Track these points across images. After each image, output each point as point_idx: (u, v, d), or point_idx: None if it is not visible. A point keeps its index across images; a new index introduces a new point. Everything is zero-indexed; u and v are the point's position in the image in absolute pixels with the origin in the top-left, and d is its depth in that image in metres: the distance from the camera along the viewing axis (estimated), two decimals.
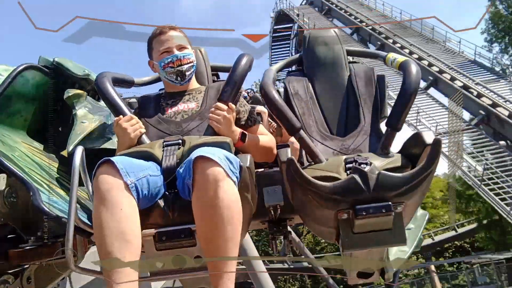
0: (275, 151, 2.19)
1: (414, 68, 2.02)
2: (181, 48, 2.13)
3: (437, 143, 1.71)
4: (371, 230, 1.71)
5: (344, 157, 1.93)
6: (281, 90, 2.38)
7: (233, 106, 1.98)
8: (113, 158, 1.65)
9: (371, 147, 2.08)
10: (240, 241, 1.93)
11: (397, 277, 2.19)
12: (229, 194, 1.59)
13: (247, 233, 1.93)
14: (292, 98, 2.29)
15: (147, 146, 1.87)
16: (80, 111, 2.36)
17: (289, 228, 2.39)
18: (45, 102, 2.36)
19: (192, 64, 2.15)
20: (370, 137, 2.14)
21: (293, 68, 2.59)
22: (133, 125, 1.95)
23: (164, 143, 1.86)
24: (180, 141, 1.85)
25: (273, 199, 2.18)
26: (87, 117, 2.37)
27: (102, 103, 2.63)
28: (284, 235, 2.24)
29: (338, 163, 1.90)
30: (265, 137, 2.17)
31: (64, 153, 2.16)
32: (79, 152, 1.65)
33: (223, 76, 2.70)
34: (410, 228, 2.31)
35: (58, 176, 2.14)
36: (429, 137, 1.79)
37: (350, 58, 2.51)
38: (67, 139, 2.33)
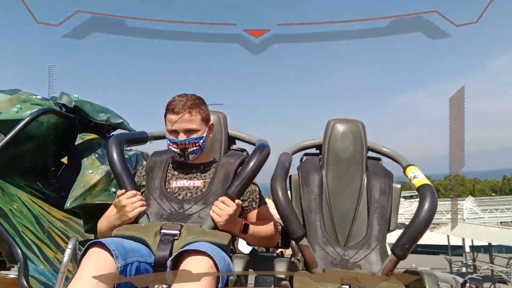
0: (276, 237, 2.13)
1: (431, 198, 1.95)
2: (189, 131, 2.06)
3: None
4: None
5: (342, 273, 1.88)
6: (295, 176, 2.33)
7: (240, 202, 1.92)
8: (104, 240, 1.61)
9: (372, 264, 2.02)
10: None
11: None
12: None
13: None
14: (303, 190, 2.23)
15: (144, 232, 1.82)
16: (89, 158, 2.34)
17: None
18: (55, 144, 2.34)
19: (198, 147, 2.08)
20: (373, 252, 2.08)
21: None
22: (133, 202, 1.90)
23: (161, 232, 1.81)
24: (177, 232, 1.81)
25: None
26: (94, 165, 2.34)
27: None
28: None
29: (335, 277, 1.85)
30: (267, 225, 2.10)
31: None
32: (73, 243, 1.61)
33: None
34: None
35: (55, 231, 2.11)
36: (431, 284, 1.72)
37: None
38: (71, 182, 2.31)
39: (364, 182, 2.26)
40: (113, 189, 2.33)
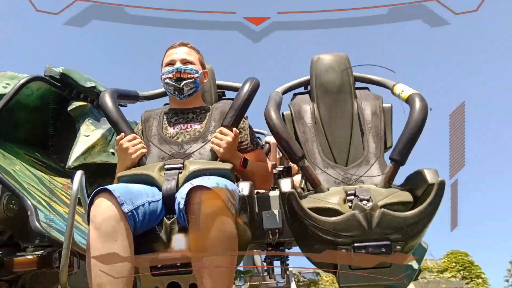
0: (271, 179, 2.19)
1: (421, 102, 2.00)
2: (185, 62, 2.11)
3: (440, 185, 1.69)
4: (369, 267, 1.70)
5: (346, 188, 1.92)
6: (287, 112, 2.37)
7: (237, 131, 1.96)
8: (110, 187, 1.63)
9: (373, 179, 2.07)
10: (239, 260, 1.93)
11: None
12: (226, 229, 1.57)
13: None
14: (297, 123, 2.28)
15: (147, 169, 1.85)
16: (83, 123, 2.36)
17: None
18: (49, 113, 2.36)
19: (193, 80, 2.11)
20: (373, 167, 2.13)
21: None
22: (135, 145, 1.93)
23: (165, 167, 1.84)
24: (180, 165, 1.84)
25: (271, 223, 2.17)
26: (89, 129, 2.37)
27: None
28: (281, 260, 2.22)
29: (339, 194, 1.88)
30: (264, 164, 2.15)
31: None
32: (78, 176, 1.63)
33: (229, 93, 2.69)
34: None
35: (59, 190, 2.13)
36: (432, 177, 1.77)
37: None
38: (70, 150, 2.33)
39: (355, 108, 2.31)
40: (111, 150, 2.36)
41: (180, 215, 1.67)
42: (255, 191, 2.22)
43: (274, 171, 2.78)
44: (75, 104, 2.36)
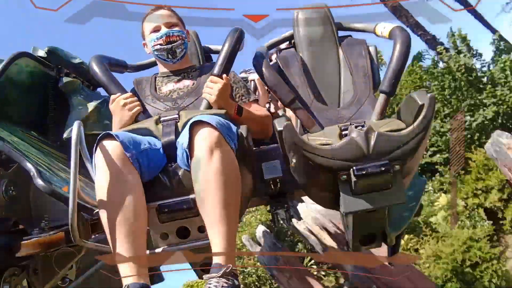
0: (270, 127, 2.19)
1: (403, 33, 2.05)
2: (170, 26, 2.13)
3: (431, 100, 1.73)
4: (371, 190, 1.73)
5: (340, 125, 1.96)
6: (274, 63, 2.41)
7: (228, 78, 1.99)
8: (113, 132, 1.66)
9: (366, 116, 2.10)
10: (242, 212, 1.95)
11: (399, 241, 2.21)
12: (227, 160, 1.61)
13: None
14: (285, 72, 2.31)
15: (144, 123, 1.88)
16: (76, 98, 2.38)
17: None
18: (41, 92, 2.37)
19: (182, 41, 2.14)
20: (365, 105, 2.17)
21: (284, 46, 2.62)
22: (131, 102, 1.96)
23: (161, 119, 1.87)
24: (176, 116, 1.87)
25: (272, 173, 2.19)
26: (82, 103, 2.39)
27: (96, 91, 2.65)
28: (285, 208, 2.25)
29: (334, 131, 1.93)
30: (261, 112, 2.18)
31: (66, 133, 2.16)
32: (77, 126, 1.65)
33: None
34: (409, 194, 2.34)
35: (59, 159, 2.15)
36: (422, 97, 1.81)
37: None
38: (63, 128, 2.35)
39: (341, 53, 2.35)
40: (106, 121, 2.38)
41: (182, 159, 1.70)
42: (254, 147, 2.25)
43: None
44: (66, 80, 2.38)
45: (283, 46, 2.61)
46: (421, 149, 1.80)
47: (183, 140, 1.67)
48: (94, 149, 1.67)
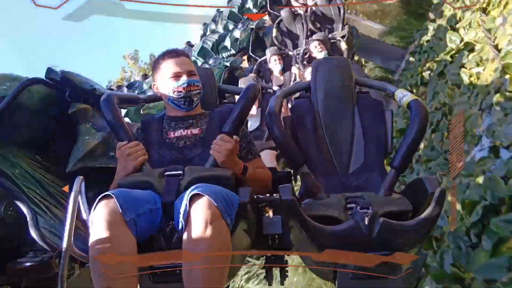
0: (270, 185, 2.20)
1: (421, 109, 2.00)
2: (191, 74, 2.11)
3: (441, 194, 1.69)
4: (368, 277, 1.70)
5: (346, 195, 1.92)
6: (287, 116, 2.37)
7: (237, 138, 1.97)
8: (113, 193, 1.65)
9: (374, 186, 2.07)
10: (236, 270, 1.94)
11: None
12: (220, 236, 1.60)
13: None
14: (297, 127, 2.28)
15: (148, 176, 1.86)
16: (84, 126, 2.36)
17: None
18: (50, 115, 2.36)
19: (200, 91, 2.13)
20: (373, 174, 2.13)
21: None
22: (136, 151, 1.94)
23: (165, 174, 1.85)
24: (181, 172, 1.85)
25: (272, 229, 2.16)
26: (90, 132, 2.37)
27: None
28: (280, 267, 2.22)
29: (339, 202, 1.89)
30: (264, 172, 2.15)
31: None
32: (78, 182, 1.63)
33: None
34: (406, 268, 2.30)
35: (59, 194, 2.13)
36: (433, 186, 1.77)
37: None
38: (70, 152, 2.33)
39: (356, 113, 2.31)
40: (112, 153, 2.36)
41: (178, 222, 1.69)
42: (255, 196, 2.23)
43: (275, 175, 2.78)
44: (76, 106, 2.36)
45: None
46: (426, 238, 1.77)
47: (181, 210, 1.66)
48: (93, 208, 1.65)
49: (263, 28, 7.73)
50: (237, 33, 7.49)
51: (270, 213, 2.23)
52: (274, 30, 7.77)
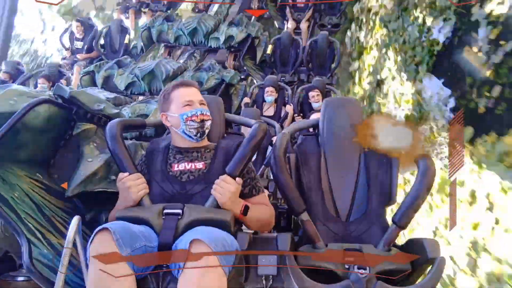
0: (272, 222, 2.16)
1: (430, 167, 1.97)
2: (201, 104, 2.11)
3: (441, 262, 1.67)
4: None
5: (344, 246, 1.90)
6: (293, 155, 2.34)
7: (241, 180, 1.95)
8: (110, 227, 1.64)
9: (374, 238, 2.04)
10: None
11: None
12: (216, 284, 1.59)
13: None
14: (302, 168, 2.26)
15: (146, 213, 1.84)
16: (88, 147, 2.34)
17: None
18: (54, 134, 2.34)
19: (210, 121, 2.13)
20: (374, 226, 2.10)
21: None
22: (137, 185, 1.92)
23: (164, 211, 1.84)
24: (180, 211, 1.83)
25: (267, 270, 2.14)
26: (93, 154, 2.35)
27: None
28: None
29: (338, 253, 1.86)
30: (266, 209, 2.12)
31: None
32: (76, 222, 1.62)
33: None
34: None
35: (56, 218, 2.12)
36: (433, 251, 1.75)
37: None
38: (71, 171, 2.32)
39: (362, 159, 2.28)
40: (113, 177, 2.33)
41: (174, 266, 1.67)
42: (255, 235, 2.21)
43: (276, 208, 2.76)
44: (81, 127, 2.35)
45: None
46: None
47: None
48: (90, 241, 1.64)
49: (258, 37, 7.75)
50: (233, 31, 7.46)
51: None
52: (270, 47, 7.90)
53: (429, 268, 1.77)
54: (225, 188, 1.89)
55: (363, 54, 9.94)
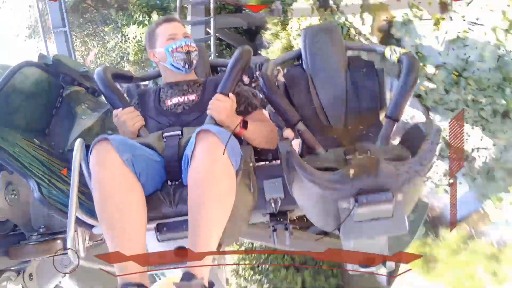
0: (275, 138, 2.17)
1: (413, 60, 2.03)
2: (186, 36, 2.16)
3: (436, 131, 1.71)
4: (372, 218, 1.71)
5: (345, 148, 1.94)
6: (280, 82, 2.40)
7: (233, 96, 1.98)
8: (108, 136, 1.65)
9: (371, 139, 2.09)
10: (240, 231, 1.94)
11: (398, 267, 2.19)
12: (225, 170, 1.59)
13: None
14: (291, 90, 2.30)
15: (147, 139, 1.87)
16: (80, 107, 2.37)
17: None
18: (45, 99, 2.37)
19: (197, 52, 2.18)
20: (370, 128, 2.15)
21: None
22: (133, 117, 1.95)
23: (163, 135, 1.86)
24: (179, 132, 1.86)
25: (273, 192, 2.18)
26: (86, 113, 2.38)
27: (101, 99, 2.64)
28: (285, 226, 2.24)
29: (338, 154, 1.91)
30: (265, 124, 2.16)
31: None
32: (79, 144, 1.65)
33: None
34: (410, 219, 2.32)
35: (59, 172, 2.14)
36: (428, 127, 1.80)
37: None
38: (67, 136, 2.34)
39: (348, 75, 2.34)
40: (109, 132, 2.37)
41: (185, 176, 1.68)
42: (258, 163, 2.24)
43: None
44: (71, 88, 2.38)
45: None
46: (425, 178, 1.79)
47: (188, 150, 1.65)
48: (89, 153, 1.65)
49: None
50: None
51: None
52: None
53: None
54: (220, 106, 1.93)
55: None
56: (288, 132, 2.37)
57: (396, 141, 2.15)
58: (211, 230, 1.55)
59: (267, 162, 2.44)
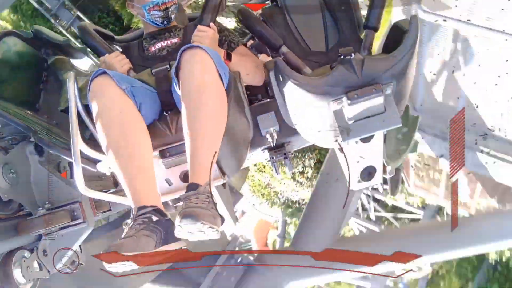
0: (262, 71, 2.20)
1: None
2: None
3: (413, 19, 1.76)
4: (366, 116, 1.75)
5: (329, 65, 1.99)
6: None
7: (215, 26, 2.03)
8: (106, 71, 1.70)
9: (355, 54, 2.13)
10: (242, 159, 1.97)
11: (399, 176, 2.25)
12: (214, 83, 1.64)
13: None
14: (268, 23, 2.34)
15: (138, 75, 1.91)
16: (66, 74, 2.39)
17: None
18: (30, 73, 2.39)
19: (175, 5, 2.19)
20: (352, 45, 2.20)
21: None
22: (119, 60, 1.98)
23: (152, 71, 1.91)
24: (167, 66, 1.90)
25: (268, 124, 2.22)
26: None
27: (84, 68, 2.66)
28: (284, 155, 2.28)
29: (324, 70, 1.95)
30: (251, 57, 2.20)
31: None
32: (72, 77, 1.68)
33: None
34: (404, 131, 2.38)
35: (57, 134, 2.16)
36: (406, 23, 1.84)
37: None
38: (55, 106, 2.36)
39: (322, 2, 2.38)
40: None
41: (179, 101, 1.72)
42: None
43: None
44: (54, 57, 2.40)
45: None
46: (410, 70, 1.83)
47: (174, 69, 1.71)
48: (88, 88, 1.69)
49: None
50: None
51: None
52: None
53: None
54: (203, 35, 1.97)
55: None
56: (264, 56, 2.40)
57: None
58: (208, 138, 1.61)
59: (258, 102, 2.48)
